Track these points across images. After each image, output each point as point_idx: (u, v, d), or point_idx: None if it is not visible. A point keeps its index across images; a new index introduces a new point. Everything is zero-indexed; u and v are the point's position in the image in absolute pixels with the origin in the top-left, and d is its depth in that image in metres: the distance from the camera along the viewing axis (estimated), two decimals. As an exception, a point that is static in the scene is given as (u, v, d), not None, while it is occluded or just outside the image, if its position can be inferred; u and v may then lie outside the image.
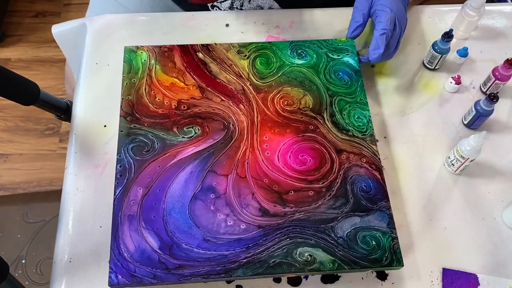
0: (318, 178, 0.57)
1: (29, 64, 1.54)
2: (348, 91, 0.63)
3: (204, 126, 0.60)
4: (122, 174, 0.57)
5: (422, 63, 0.71)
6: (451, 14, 0.75)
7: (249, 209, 0.55)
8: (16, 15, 1.63)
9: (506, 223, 0.60)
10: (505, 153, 0.64)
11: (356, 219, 0.55)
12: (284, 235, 0.54)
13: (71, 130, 0.66)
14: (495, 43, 0.73)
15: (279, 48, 0.67)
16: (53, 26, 0.75)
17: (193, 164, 0.58)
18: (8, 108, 1.45)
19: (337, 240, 0.54)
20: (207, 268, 0.52)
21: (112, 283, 0.51)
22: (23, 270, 0.83)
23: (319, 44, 0.67)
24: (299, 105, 0.62)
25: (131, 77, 0.64)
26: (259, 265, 0.52)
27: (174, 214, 0.55)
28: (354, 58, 0.66)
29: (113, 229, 0.54)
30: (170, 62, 0.65)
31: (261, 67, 0.65)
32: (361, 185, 0.57)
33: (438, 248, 0.58)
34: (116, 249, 0.53)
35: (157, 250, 0.53)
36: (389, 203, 0.56)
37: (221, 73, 0.64)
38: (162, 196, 0.56)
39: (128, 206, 0.55)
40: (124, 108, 0.61)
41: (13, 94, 0.64)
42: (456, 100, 0.68)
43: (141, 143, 0.59)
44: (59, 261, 0.57)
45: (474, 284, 0.57)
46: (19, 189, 1.33)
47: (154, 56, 0.65)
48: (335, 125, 0.61)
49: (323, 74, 0.65)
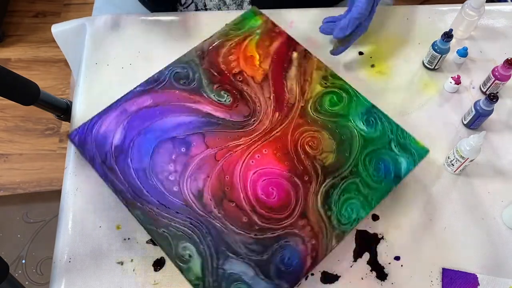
0: (263, 215, 0.55)
1: (29, 64, 1.54)
2: (370, 183, 0.57)
3: (236, 102, 0.62)
4: (153, 81, 0.63)
5: (422, 63, 0.71)
6: (451, 14, 0.75)
7: (192, 184, 0.57)
8: (16, 15, 1.63)
9: (506, 223, 0.60)
10: (504, 153, 0.64)
11: (251, 271, 0.53)
12: (192, 227, 0.55)
13: (71, 130, 0.66)
14: (495, 43, 0.73)
15: (358, 101, 0.62)
16: (53, 26, 0.75)
17: (197, 118, 0.61)
18: (8, 108, 1.45)
19: (220, 267, 0.53)
20: (124, 188, 0.56)
21: (70, 136, 0.60)
22: (23, 270, 0.83)
23: (395, 128, 0.61)
24: (318, 154, 0.59)
25: (232, 29, 0.68)
26: (151, 222, 0.55)
27: (147, 135, 0.60)
28: (410, 165, 0.58)
29: (106, 108, 0.61)
30: (268, 42, 0.67)
31: (327, 102, 0.62)
32: (285, 255, 0.53)
33: (438, 248, 0.58)
34: (93, 121, 0.61)
35: (112, 145, 0.59)
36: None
37: (292, 79, 0.64)
38: (155, 117, 0.61)
39: (130, 103, 0.62)
40: (204, 43, 0.67)
41: (13, 94, 0.64)
42: (455, 100, 0.68)
43: (186, 75, 0.64)
44: (59, 261, 0.57)
45: (473, 284, 0.57)
46: (19, 189, 1.33)
47: (263, 29, 0.68)
48: (326, 196, 0.56)
49: (366, 154, 0.59)
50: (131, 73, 0.68)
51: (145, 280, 0.56)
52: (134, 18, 0.74)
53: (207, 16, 0.75)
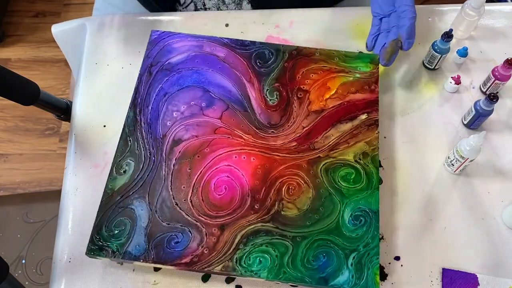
0: (197, 198, 0.56)
1: (29, 64, 1.54)
2: (297, 261, 0.53)
3: (277, 108, 0.62)
4: (240, 44, 0.67)
5: (422, 63, 0.71)
6: (451, 14, 0.75)
7: (181, 131, 0.60)
8: (16, 15, 1.63)
9: (506, 223, 0.60)
10: (504, 153, 0.64)
11: (144, 225, 0.55)
12: (148, 155, 0.58)
13: (71, 130, 0.66)
14: (495, 43, 0.73)
15: (368, 197, 0.57)
16: (53, 26, 0.75)
17: (237, 93, 0.63)
18: (8, 108, 1.45)
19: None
20: (141, 92, 0.63)
21: (152, 31, 0.67)
22: (23, 270, 0.83)
23: (373, 245, 0.54)
24: (287, 201, 0.56)
25: (339, 56, 0.66)
26: (132, 126, 0.61)
27: (195, 75, 0.64)
28: (345, 284, 0.52)
29: (194, 35, 0.67)
30: (354, 89, 0.64)
31: (342, 173, 0.58)
32: (177, 239, 0.54)
33: (438, 248, 0.58)
34: (176, 36, 0.67)
35: (168, 60, 0.65)
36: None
37: (337, 132, 0.61)
38: (214, 67, 0.65)
39: (209, 44, 0.66)
40: (306, 48, 0.67)
41: (13, 94, 0.64)
42: (456, 100, 0.68)
43: (266, 59, 0.66)
44: (59, 261, 0.57)
45: (473, 284, 0.57)
46: (19, 189, 1.33)
47: (363, 77, 0.65)
48: (254, 232, 0.55)
49: (321, 238, 0.55)
50: (131, 73, 0.68)
51: (145, 280, 0.56)
52: (134, 18, 0.74)
53: (207, 16, 0.75)
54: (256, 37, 0.72)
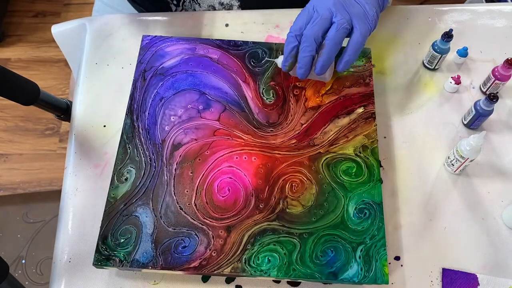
0: (201, 201, 0.56)
1: (29, 64, 1.54)
2: (306, 258, 0.53)
3: (274, 106, 0.62)
4: (233, 44, 0.66)
5: (422, 63, 0.71)
6: (451, 14, 0.75)
7: (180, 135, 0.60)
8: (16, 15, 1.63)
9: (506, 223, 0.60)
10: (505, 153, 0.64)
11: (151, 228, 0.55)
12: (149, 162, 0.58)
13: (71, 130, 0.66)
14: (495, 43, 0.73)
15: (371, 189, 0.57)
16: (53, 26, 0.75)
17: (234, 94, 0.63)
18: (8, 108, 1.45)
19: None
20: (136, 97, 0.62)
21: (144, 36, 0.67)
22: (23, 270, 0.83)
23: (378, 237, 0.55)
24: (291, 198, 0.56)
25: None
26: (130, 133, 0.60)
27: (189, 78, 0.64)
28: (355, 277, 0.53)
29: (186, 37, 0.67)
30: (349, 83, 0.64)
31: (343, 167, 0.58)
32: (184, 243, 0.54)
33: (438, 248, 0.58)
34: (168, 40, 0.67)
35: (161, 64, 0.65)
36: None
37: (335, 127, 0.61)
38: (208, 69, 0.64)
39: (202, 47, 0.66)
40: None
41: (13, 94, 0.64)
42: (456, 100, 0.68)
43: (260, 58, 0.65)
44: (59, 261, 0.57)
45: (473, 284, 0.57)
46: (19, 189, 1.33)
47: (357, 70, 0.65)
48: (260, 232, 0.54)
49: (328, 233, 0.55)
50: (131, 73, 0.68)
51: (145, 280, 0.56)
52: (134, 18, 0.74)
53: (207, 16, 0.75)
54: (256, 37, 0.72)
